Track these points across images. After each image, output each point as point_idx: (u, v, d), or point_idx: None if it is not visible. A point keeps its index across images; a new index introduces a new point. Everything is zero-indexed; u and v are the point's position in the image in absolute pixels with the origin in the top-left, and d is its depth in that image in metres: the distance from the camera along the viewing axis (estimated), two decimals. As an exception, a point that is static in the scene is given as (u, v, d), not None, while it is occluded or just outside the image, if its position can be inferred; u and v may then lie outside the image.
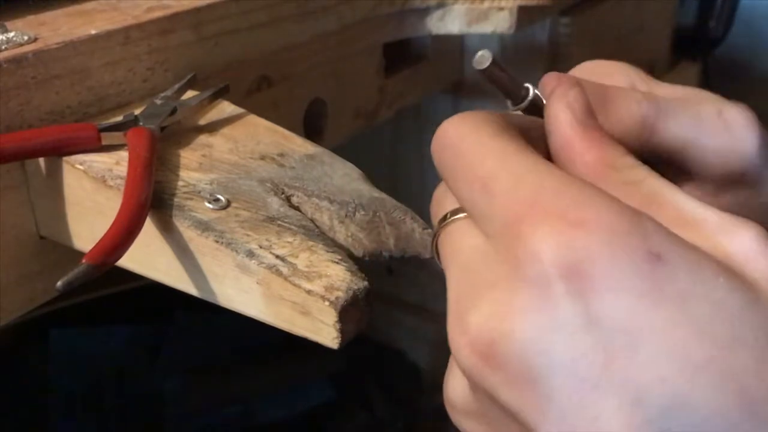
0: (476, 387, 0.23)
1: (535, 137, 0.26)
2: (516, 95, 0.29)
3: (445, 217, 0.25)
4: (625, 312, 0.19)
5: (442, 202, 0.26)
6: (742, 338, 0.19)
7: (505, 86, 0.29)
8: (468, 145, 0.24)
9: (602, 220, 0.20)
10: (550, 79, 0.28)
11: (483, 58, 0.28)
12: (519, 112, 0.29)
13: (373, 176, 0.37)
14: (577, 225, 0.20)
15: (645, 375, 0.19)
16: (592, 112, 0.26)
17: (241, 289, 0.31)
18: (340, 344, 0.29)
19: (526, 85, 0.29)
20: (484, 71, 0.28)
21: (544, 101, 0.28)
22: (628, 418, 0.19)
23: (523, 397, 0.21)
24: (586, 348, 0.20)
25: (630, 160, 0.24)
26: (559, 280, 0.20)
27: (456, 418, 0.26)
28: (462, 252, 0.24)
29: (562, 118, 0.26)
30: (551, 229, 0.20)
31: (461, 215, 0.25)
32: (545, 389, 0.20)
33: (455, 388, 0.25)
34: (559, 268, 0.20)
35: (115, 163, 0.35)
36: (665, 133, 0.29)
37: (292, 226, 0.32)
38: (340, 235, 0.33)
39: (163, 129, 0.37)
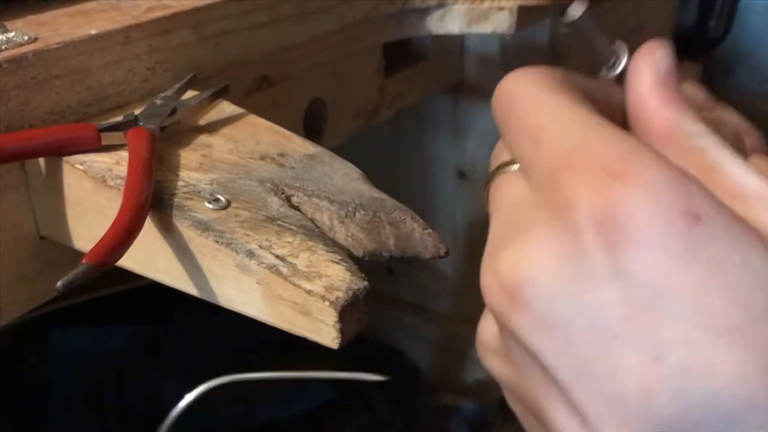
0: (503, 327, 0.23)
1: (606, 101, 0.26)
2: (605, 58, 0.29)
3: (498, 168, 0.26)
4: (654, 269, 0.19)
5: (499, 154, 0.27)
6: None
7: (593, 45, 0.28)
8: (523, 97, 0.25)
9: (643, 176, 0.20)
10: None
11: (574, 11, 0.27)
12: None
13: (373, 176, 0.37)
14: (616, 177, 0.20)
15: (667, 333, 0.19)
16: (674, 75, 0.26)
17: (241, 289, 0.31)
18: (340, 344, 0.29)
19: (619, 43, 0.29)
20: (573, 24, 0.27)
21: None
22: (646, 373, 0.19)
23: (546, 342, 0.21)
24: (610, 299, 0.20)
25: (700, 128, 0.24)
26: (590, 229, 0.20)
27: (483, 355, 0.26)
28: (506, 198, 0.25)
29: (643, 75, 0.26)
30: (589, 179, 0.21)
31: (514, 167, 0.25)
32: (567, 335, 0.20)
33: (485, 327, 0.26)
34: (592, 217, 0.20)
35: (115, 163, 0.35)
36: None
37: (292, 226, 0.32)
38: (340, 235, 0.33)
39: (163, 129, 0.37)
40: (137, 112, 0.38)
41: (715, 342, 0.19)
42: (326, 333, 0.29)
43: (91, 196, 0.35)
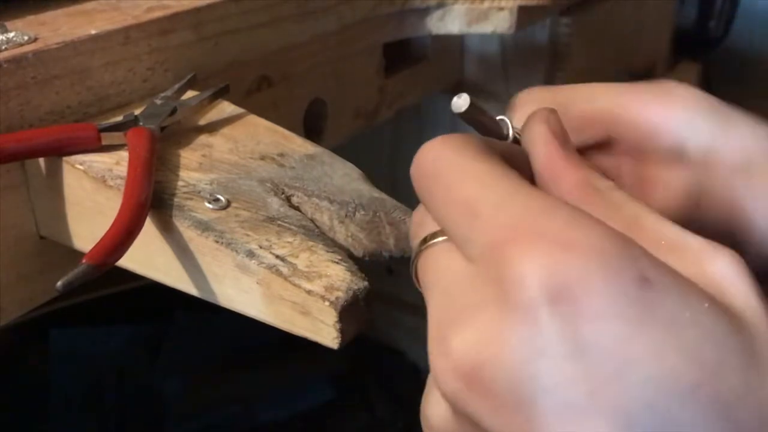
0: (458, 412, 0.22)
1: (517, 164, 0.25)
2: (498, 134, 0.29)
3: (424, 240, 0.25)
4: (613, 337, 0.19)
5: (422, 224, 0.26)
6: (728, 363, 0.19)
7: (485, 127, 0.29)
8: (449, 168, 0.24)
9: (591, 244, 0.20)
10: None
11: (461, 102, 0.28)
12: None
13: (373, 176, 0.37)
14: (564, 248, 0.20)
15: (634, 401, 0.19)
16: (568, 137, 0.26)
17: (241, 289, 0.31)
18: (340, 344, 0.29)
19: (501, 118, 0.29)
20: (462, 114, 0.28)
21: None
22: None
23: (509, 423, 0.20)
24: (573, 373, 0.19)
25: (610, 183, 0.24)
26: (545, 304, 0.20)
27: None
28: (443, 276, 0.24)
29: (543, 140, 0.26)
30: (537, 252, 0.20)
31: (440, 238, 0.24)
32: (532, 415, 0.20)
33: (436, 412, 0.24)
34: (546, 291, 0.20)
35: (115, 163, 0.35)
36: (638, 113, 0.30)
37: (292, 226, 0.32)
38: (340, 235, 0.33)
39: (163, 129, 0.37)
40: (137, 112, 0.38)
41: (679, 403, 0.19)
42: (326, 333, 0.29)
43: (91, 196, 0.35)
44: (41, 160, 0.36)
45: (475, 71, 0.72)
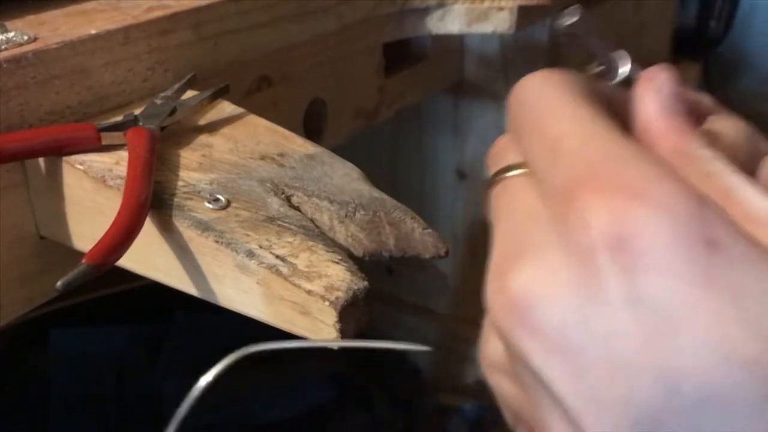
0: (509, 348, 0.22)
1: (623, 111, 0.25)
2: (606, 63, 0.28)
3: (504, 169, 0.25)
4: (670, 295, 0.19)
5: (505, 152, 0.26)
6: None
7: (593, 52, 0.28)
8: (546, 104, 0.24)
9: (663, 198, 0.20)
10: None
11: (568, 15, 0.27)
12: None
13: (373, 176, 0.37)
14: (635, 198, 0.20)
15: (684, 363, 0.18)
16: (680, 98, 0.25)
17: (241, 289, 0.31)
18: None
19: (621, 51, 0.28)
20: (566, 30, 0.27)
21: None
22: (661, 404, 0.19)
23: (555, 367, 0.20)
24: (625, 325, 0.19)
25: (709, 152, 0.23)
26: (606, 251, 0.19)
27: (489, 373, 0.25)
28: (515, 208, 0.24)
29: (646, 99, 0.25)
30: (606, 198, 0.20)
31: (520, 171, 0.24)
32: (578, 361, 0.20)
33: (491, 345, 0.24)
34: (608, 239, 0.19)
35: (115, 163, 0.35)
36: None
37: (292, 226, 0.32)
38: (340, 235, 0.33)
39: (163, 129, 0.37)
40: (137, 112, 0.38)
41: (734, 373, 0.18)
42: (326, 333, 0.29)
43: (91, 196, 0.35)
44: (41, 160, 0.36)
45: (475, 71, 0.72)
